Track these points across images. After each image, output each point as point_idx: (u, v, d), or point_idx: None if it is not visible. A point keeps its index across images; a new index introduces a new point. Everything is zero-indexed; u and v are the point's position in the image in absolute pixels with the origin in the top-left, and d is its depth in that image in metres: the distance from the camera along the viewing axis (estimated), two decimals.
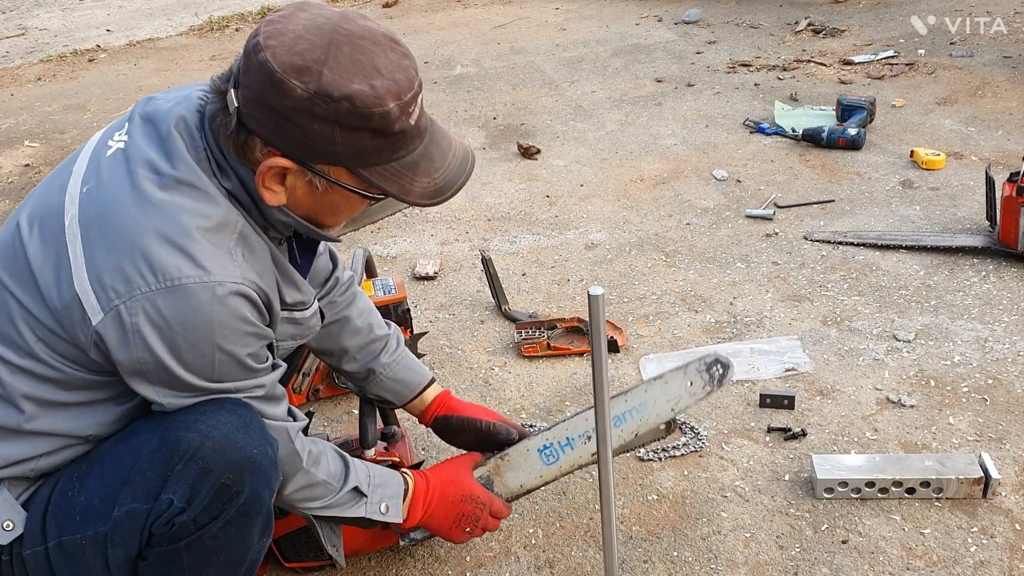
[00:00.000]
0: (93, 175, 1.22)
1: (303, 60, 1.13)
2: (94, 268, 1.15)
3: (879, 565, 1.72)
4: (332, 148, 1.17)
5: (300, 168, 1.21)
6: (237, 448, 1.23)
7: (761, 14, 5.88)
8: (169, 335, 1.15)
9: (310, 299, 1.45)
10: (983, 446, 1.99)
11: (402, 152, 1.22)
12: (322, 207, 1.29)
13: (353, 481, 1.49)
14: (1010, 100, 4.06)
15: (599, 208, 3.36)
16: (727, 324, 2.55)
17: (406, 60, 1.21)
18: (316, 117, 1.14)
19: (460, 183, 1.28)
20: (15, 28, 7.55)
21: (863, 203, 3.21)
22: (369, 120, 1.16)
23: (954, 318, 2.48)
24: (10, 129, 4.91)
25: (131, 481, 1.21)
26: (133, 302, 1.13)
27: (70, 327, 1.18)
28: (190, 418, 1.23)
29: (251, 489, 1.25)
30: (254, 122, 1.18)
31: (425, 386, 1.79)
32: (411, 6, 7.16)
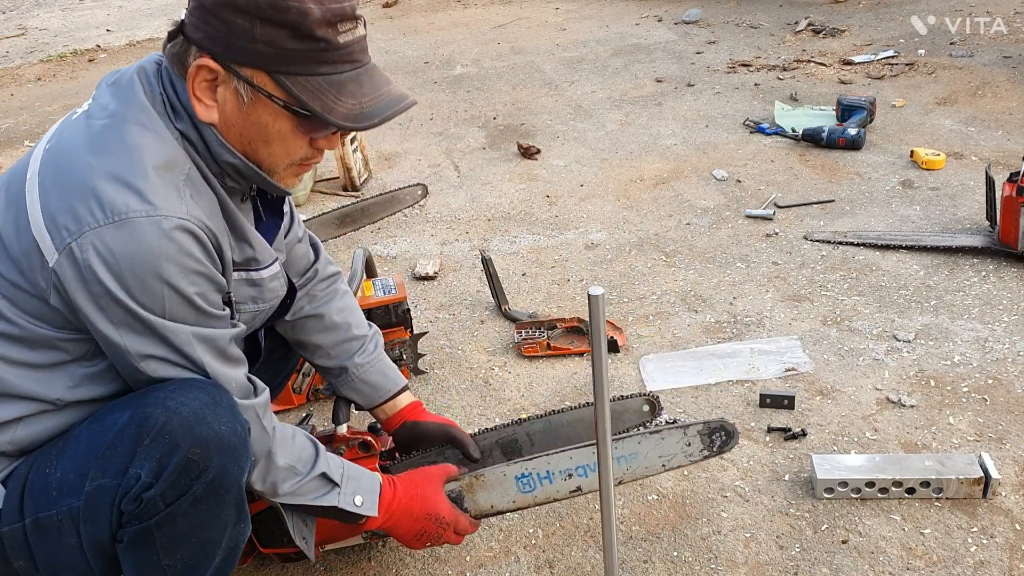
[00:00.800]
0: (56, 135, 1.27)
1: None
2: (48, 210, 1.18)
3: (879, 565, 1.72)
4: (252, 45, 1.19)
5: (227, 74, 1.22)
6: (204, 423, 1.23)
7: (761, 14, 5.88)
8: (117, 268, 1.17)
9: (267, 259, 1.44)
10: (983, 446, 1.99)
11: (329, 68, 1.22)
12: (252, 129, 1.28)
13: (322, 467, 1.46)
14: (1010, 100, 4.06)
15: (599, 208, 3.36)
16: (727, 324, 2.55)
17: None
18: (237, 9, 1.17)
19: (391, 112, 1.27)
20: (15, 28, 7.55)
21: (863, 203, 3.21)
22: (286, 14, 1.17)
23: (954, 318, 2.48)
24: (10, 129, 4.91)
25: (102, 457, 1.22)
26: (83, 238, 1.15)
27: (31, 276, 1.20)
28: (160, 395, 1.24)
29: (219, 465, 1.25)
30: (192, 28, 1.23)
31: (397, 392, 1.76)
32: (411, 6, 7.16)
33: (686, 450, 1.63)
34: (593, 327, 1.23)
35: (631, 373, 2.36)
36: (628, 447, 1.62)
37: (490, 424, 2.21)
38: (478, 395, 2.33)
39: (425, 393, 2.35)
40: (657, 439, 1.62)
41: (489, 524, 1.89)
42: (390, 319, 2.30)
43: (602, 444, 1.36)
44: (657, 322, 2.59)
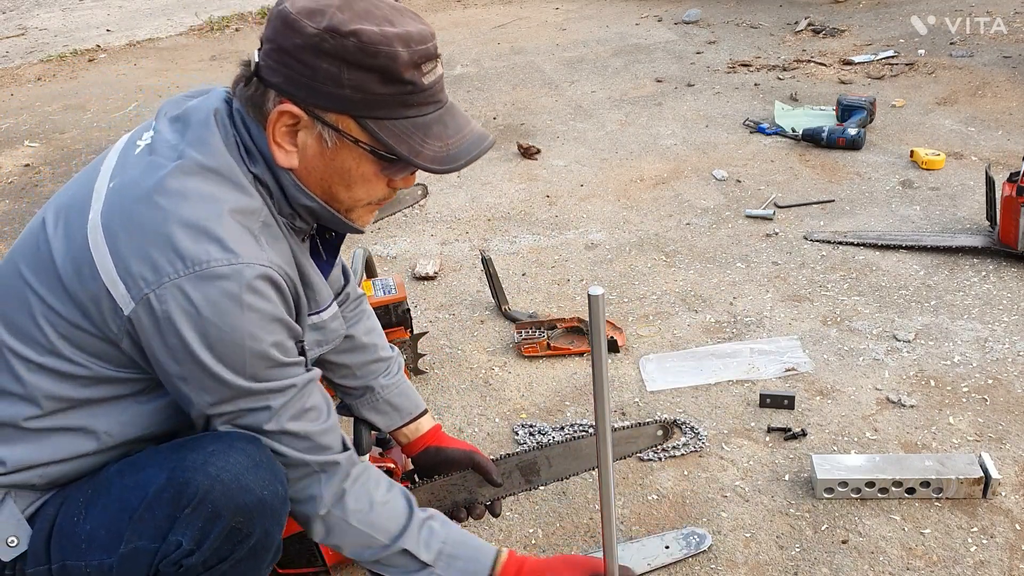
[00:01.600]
0: (120, 171, 1.23)
1: (318, 5, 1.16)
2: (120, 259, 1.14)
3: (879, 565, 1.72)
4: (339, 91, 1.16)
5: (310, 120, 1.20)
6: (247, 491, 1.21)
7: (761, 14, 5.88)
8: (199, 322, 1.14)
9: (326, 300, 1.43)
10: (983, 446, 1.99)
11: (415, 111, 1.21)
12: (334, 173, 1.25)
13: (406, 543, 1.37)
14: (1010, 100, 4.06)
15: (599, 208, 3.36)
16: (727, 324, 2.55)
17: (423, 25, 1.22)
18: (324, 54, 1.14)
19: (475, 154, 1.26)
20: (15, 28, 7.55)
21: (863, 203, 3.21)
22: (375, 59, 1.15)
23: (954, 318, 2.48)
24: (10, 129, 4.91)
25: (138, 519, 1.19)
26: (162, 289, 1.12)
27: (100, 320, 1.17)
28: (198, 458, 1.21)
29: (261, 530, 1.24)
30: (270, 72, 1.19)
31: (418, 415, 1.74)
32: (411, 6, 7.16)
33: (666, 551, 1.76)
34: (593, 327, 1.22)
35: (631, 373, 2.36)
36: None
37: (491, 424, 2.21)
38: (478, 395, 2.33)
39: (425, 393, 2.35)
40: (639, 546, 1.76)
41: (490, 524, 1.89)
42: (390, 319, 2.30)
43: (602, 444, 1.36)
44: (657, 322, 2.59)
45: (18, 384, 1.22)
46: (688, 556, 1.75)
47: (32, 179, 4.15)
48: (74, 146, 4.55)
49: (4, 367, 1.22)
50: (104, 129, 4.77)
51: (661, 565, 1.73)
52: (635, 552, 1.75)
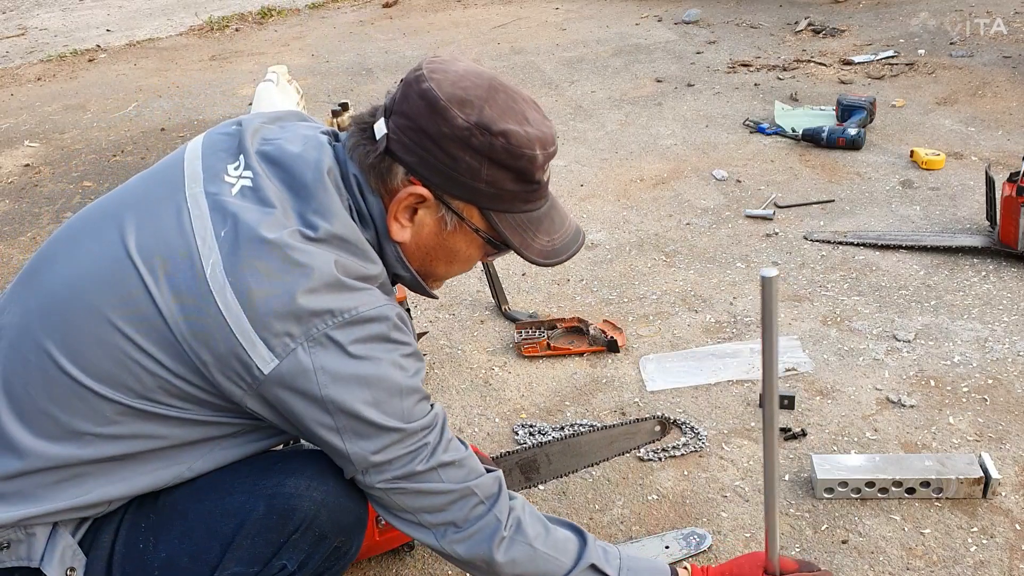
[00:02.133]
0: (228, 218, 1.14)
1: (467, 94, 1.17)
2: (256, 315, 1.09)
3: (879, 565, 1.72)
4: (475, 183, 1.19)
5: (436, 203, 1.21)
6: (348, 511, 1.25)
7: (761, 14, 5.88)
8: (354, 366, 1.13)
9: None
10: (983, 446, 1.99)
11: (531, 206, 1.26)
12: (441, 251, 1.28)
13: (591, 558, 1.32)
14: (1010, 100, 4.06)
15: (599, 208, 3.36)
16: (727, 324, 2.55)
17: (548, 121, 1.26)
18: (470, 148, 1.17)
19: (573, 250, 1.33)
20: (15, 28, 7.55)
21: (863, 203, 3.21)
22: (518, 160, 1.19)
23: (954, 318, 2.48)
24: (10, 129, 4.91)
25: (237, 546, 1.19)
26: (312, 342, 1.11)
27: (218, 379, 1.12)
28: (300, 483, 1.22)
29: (356, 544, 1.29)
30: (403, 149, 1.19)
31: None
32: (411, 6, 7.16)
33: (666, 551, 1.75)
34: (765, 311, 1.15)
35: (631, 373, 2.36)
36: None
37: (491, 424, 2.21)
38: (478, 395, 2.33)
39: None
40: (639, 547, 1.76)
41: None
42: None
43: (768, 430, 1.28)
44: (657, 322, 2.59)
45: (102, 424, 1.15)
46: (688, 556, 1.75)
47: (32, 179, 4.15)
48: (74, 146, 4.55)
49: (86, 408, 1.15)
50: (104, 129, 4.77)
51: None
52: (635, 552, 1.75)
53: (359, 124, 1.24)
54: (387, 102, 1.23)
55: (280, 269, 1.11)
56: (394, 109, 1.20)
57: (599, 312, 2.66)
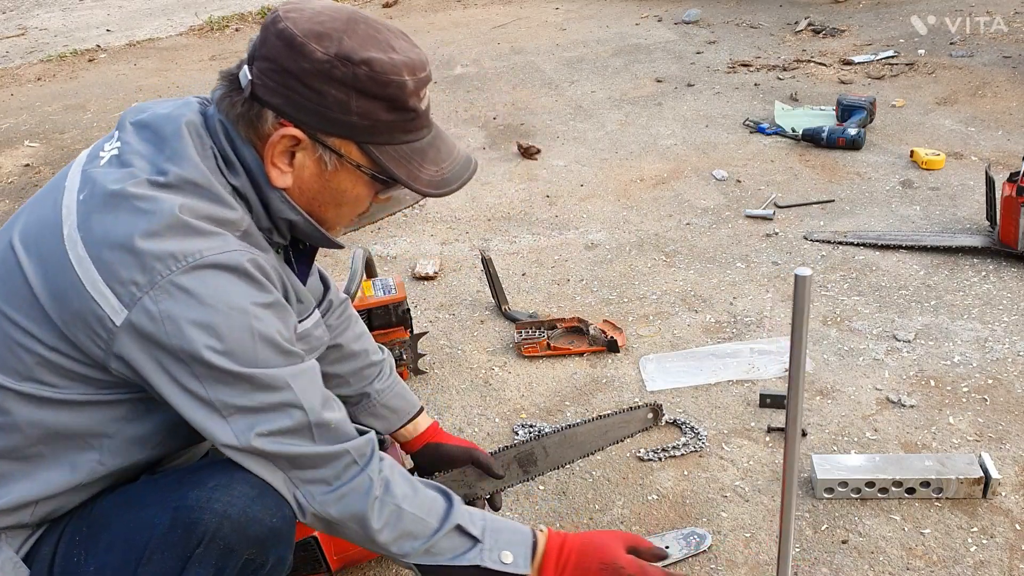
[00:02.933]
0: (88, 183, 1.17)
1: (324, 28, 1.15)
2: (105, 267, 1.10)
3: (879, 565, 1.72)
4: (346, 117, 1.17)
5: (311, 143, 1.20)
6: (256, 522, 1.19)
7: (761, 14, 5.88)
8: (201, 311, 1.10)
9: (309, 308, 1.42)
10: (983, 446, 1.99)
11: (412, 136, 1.23)
12: (327, 193, 1.25)
13: (457, 518, 1.30)
14: (1010, 100, 4.06)
15: (599, 208, 3.36)
16: (727, 324, 2.55)
17: (417, 48, 1.24)
18: (334, 81, 1.15)
19: (465, 178, 1.29)
20: (15, 28, 7.55)
21: (863, 203, 3.21)
22: (386, 88, 1.16)
23: (954, 318, 2.48)
24: (10, 129, 4.91)
25: (147, 560, 1.17)
26: (157, 290, 1.09)
27: (85, 341, 1.13)
28: (201, 495, 1.18)
29: (275, 556, 1.24)
30: (268, 92, 1.17)
31: (416, 414, 1.73)
32: (411, 6, 7.16)
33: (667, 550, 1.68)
34: (797, 310, 1.14)
35: (631, 373, 2.36)
36: None
37: (491, 424, 2.21)
38: (478, 395, 2.33)
39: (425, 393, 2.35)
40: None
41: None
42: (390, 319, 2.30)
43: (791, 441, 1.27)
44: (657, 322, 2.59)
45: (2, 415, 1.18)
46: (688, 556, 1.75)
47: (32, 179, 4.15)
48: (74, 146, 4.55)
49: None
50: (104, 129, 4.77)
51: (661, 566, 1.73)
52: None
53: (226, 76, 1.23)
54: (249, 49, 1.21)
55: (125, 219, 1.11)
56: (256, 54, 1.19)
57: (599, 312, 2.66)
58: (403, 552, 1.28)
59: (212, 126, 1.22)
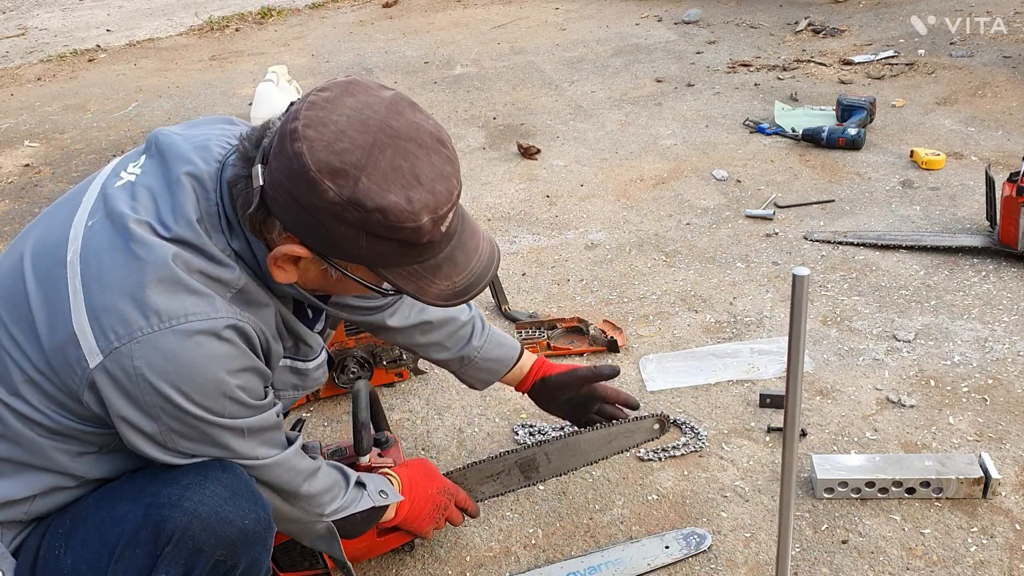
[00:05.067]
0: (99, 209, 1.18)
1: (341, 162, 1.07)
2: (92, 306, 1.11)
3: (879, 565, 1.72)
4: (355, 250, 1.14)
5: (317, 258, 1.18)
6: (227, 523, 1.19)
7: (761, 14, 5.88)
8: (175, 376, 1.12)
9: (316, 351, 1.43)
10: (983, 446, 1.99)
11: (426, 257, 1.19)
12: (332, 288, 1.29)
13: (353, 476, 1.52)
14: (1010, 100, 4.06)
15: (599, 208, 3.36)
16: (727, 324, 2.55)
17: (449, 167, 1.17)
18: (344, 222, 1.10)
19: (480, 287, 1.25)
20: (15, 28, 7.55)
21: (863, 203, 3.21)
22: (399, 232, 1.12)
23: (954, 318, 2.48)
24: (10, 129, 4.91)
25: (120, 557, 1.17)
26: (134, 344, 1.10)
27: (62, 369, 1.14)
28: (174, 492, 1.18)
29: (247, 558, 1.23)
30: (277, 207, 1.13)
31: (518, 358, 1.83)
32: (411, 6, 7.16)
33: (666, 551, 1.77)
34: (795, 310, 1.14)
35: (631, 373, 2.36)
36: (614, 553, 1.77)
37: (491, 424, 2.21)
38: (478, 395, 2.33)
39: (425, 393, 2.35)
40: (639, 546, 1.78)
41: (489, 524, 1.89)
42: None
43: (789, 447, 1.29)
44: (657, 322, 2.59)
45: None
46: (688, 556, 1.75)
47: (32, 179, 4.15)
48: (74, 146, 4.55)
49: None
50: (104, 129, 4.77)
51: (661, 565, 1.74)
52: (635, 552, 1.75)
53: (243, 153, 1.17)
54: (266, 144, 1.14)
55: (121, 262, 1.12)
56: (269, 160, 1.12)
57: (599, 312, 2.66)
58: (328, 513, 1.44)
59: (224, 184, 1.20)
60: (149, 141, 1.26)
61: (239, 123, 1.36)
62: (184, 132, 1.28)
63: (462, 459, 2.09)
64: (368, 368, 2.31)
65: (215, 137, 1.26)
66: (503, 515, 1.91)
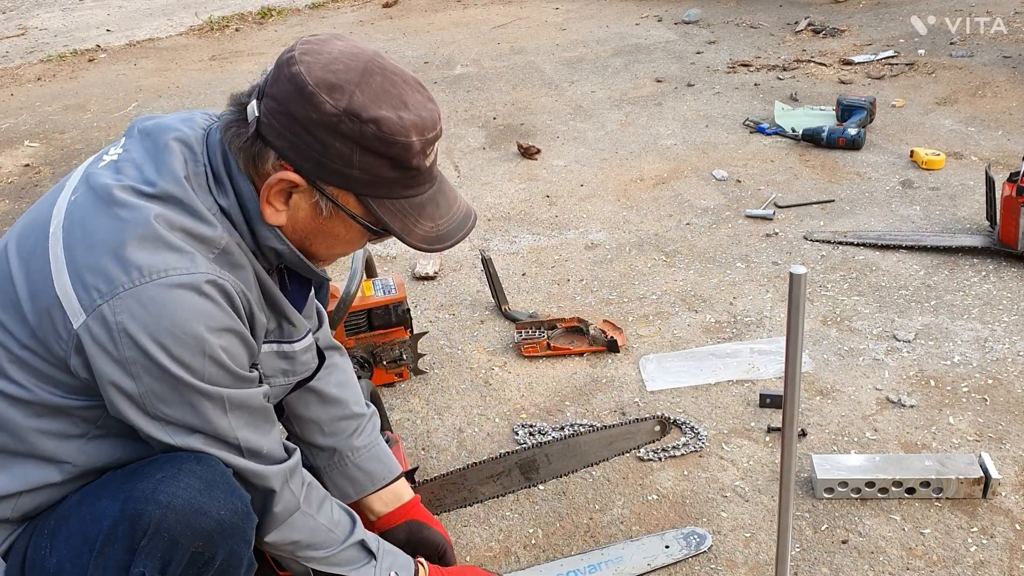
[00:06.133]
0: (82, 185, 1.21)
1: (337, 78, 1.14)
2: (75, 268, 1.13)
3: (879, 565, 1.72)
4: (348, 170, 1.17)
5: (309, 187, 1.20)
6: (202, 514, 1.18)
7: (761, 14, 5.88)
8: (156, 331, 1.12)
9: (301, 331, 1.40)
10: (983, 446, 1.99)
11: (413, 191, 1.23)
12: (320, 235, 1.27)
13: (360, 535, 1.42)
14: (1010, 100, 4.06)
15: (599, 208, 3.36)
16: (727, 324, 2.55)
17: (431, 104, 1.23)
18: (339, 135, 1.14)
19: (461, 235, 1.29)
20: (15, 28, 7.55)
21: (863, 203, 3.21)
22: (391, 148, 1.16)
23: (954, 318, 2.48)
24: (10, 129, 4.91)
25: (100, 553, 1.17)
26: (116, 300, 1.11)
27: (46, 338, 1.14)
28: (148, 486, 1.18)
29: (225, 550, 1.22)
30: (273, 133, 1.17)
31: (392, 480, 1.63)
32: (411, 6, 7.16)
33: (667, 551, 1.75)
34: (792, 307, 1.16)
35: (631, 373, 2.36)
36: (614, 551, 1.76)
37: (491, 424, 2.21)
38: (478, 395, 2.33)
39: (425, 393, 2.35)
40: (639, 545, 1.77)
41: (489, 524, 1.89)
42: (390, 319, 2.30)
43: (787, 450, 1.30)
44: (657, 322, 2.59)
45: None
46: (688, 556, 1.75)
47: (32, 179, 4.15)
48: (74, 146, 4.55)
49: None
50: (104, 129, 4.77)
51: (661, 565, 1.73)
52: (635, 551, 1.75)
53: (235, 102, 1.23)
54: (261, 81, 1.21)
55: (102, 223, 1.14)
56: (266, 91, 1.18)
57: (599, 312, 2.66)
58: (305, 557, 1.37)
59: (211, 145, 1.23)
60: (131, 128, 1.29)
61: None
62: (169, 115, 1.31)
63: (462, 459, 2.09)
64: (368, 368, 2.31)
65: (198, 113, 1.30)
66: (503, 515, 1.91)
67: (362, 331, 2.31)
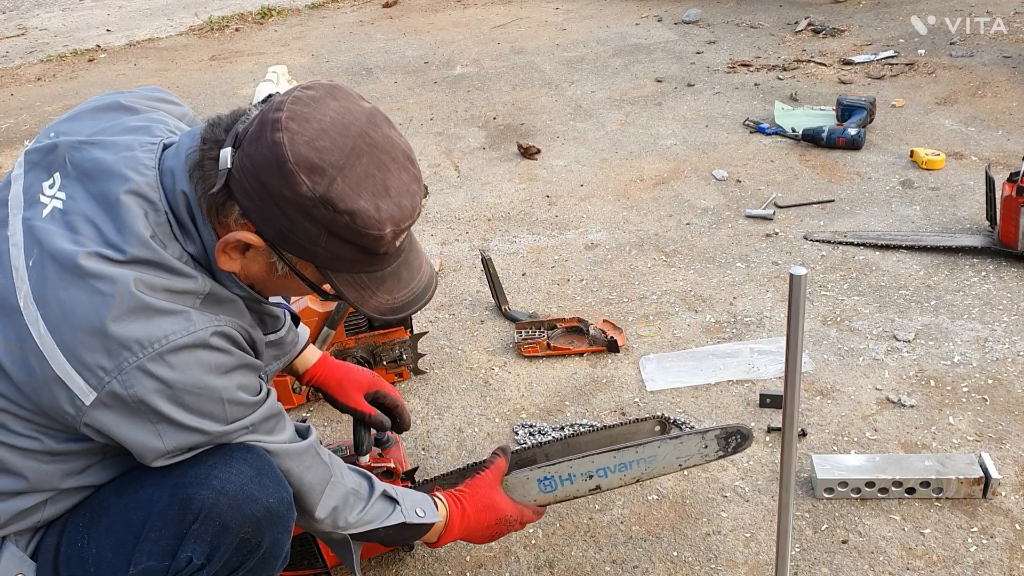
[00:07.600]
0: (34, 244, 1.14)
1: (320, 159, 1.09)
2: (69, 350, 1.09)
3: (879, 565, 1.72)
4: (312, 247, 1.15)
5: (268, 249, 1.17)
6: (253, 500, 1.21)
7: (761, 14, 5.88)
8: (173, 394, 1.12)
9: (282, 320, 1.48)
10: (983, 446, 1.99)
11: (375, 268, 1.21)
12: (271, 285, 1.28)
13: (380, 488, 1.46)
14: (1010, 100, 4.06)
15: (599, 208, 3.36)
16: (727, 324, 2.55)
17: (415, 185, 1.19)
18: (310, 218, 1.11)
19: (417, 306, 1.28)
20: (15, 28, 7.55)
21: (863, 203, 3.21)
22: (362, 239, 1.14)
23: (954, 318, 2.48)
24: (10, 129, 4.91)
25: (145, 539, 1.18)
26: (124, 376, 1.09)
27: (50, 407, 1.13)
28: (200, 471, 1.19)
29: (271, 538, 1.24)
30: (242, 192, 1.12)
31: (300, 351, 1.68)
32: (411, 6, 7.16)
33: (703, 451, 1.67)
34: (792, 308, 1.15)
35: (631, 373, 2.36)
36: (648, 450, 1.68)
37: (491, 424, 2.21)
38: (478, 395, 2.33)
39: (425, 393, 2.35)
40: (677, 443, 1.67)
41: None
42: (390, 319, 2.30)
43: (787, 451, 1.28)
44: (657, 322, 2.59)
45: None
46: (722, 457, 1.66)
47: None
48: None
49: None
50: None
51: (694, 464, 1.67)
52: (671, 450, 1.67)
53: (210, 138, 1.16)
54: (240, 129, 1.13)
55: (83, 299, 1.10)
56: (243, 144, 1.12)
57: (599, 312, 2.66)
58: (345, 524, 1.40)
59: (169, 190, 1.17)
60: (57, 157, 1.21)
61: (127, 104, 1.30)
62: (95, 139, 1.22)
63: (462, 459, 2.09)
64: (368, 368, 2.31)
65: (136, 145, 1.22)
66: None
67: (362, 331, 2.31)
